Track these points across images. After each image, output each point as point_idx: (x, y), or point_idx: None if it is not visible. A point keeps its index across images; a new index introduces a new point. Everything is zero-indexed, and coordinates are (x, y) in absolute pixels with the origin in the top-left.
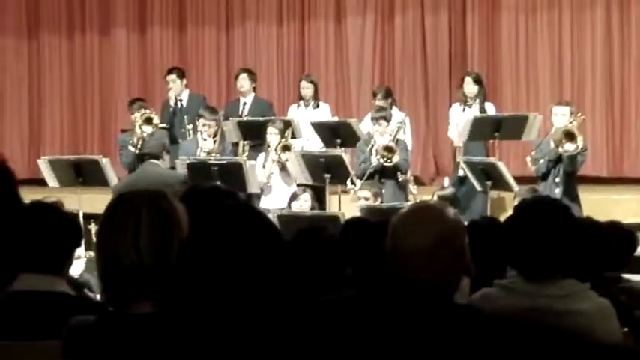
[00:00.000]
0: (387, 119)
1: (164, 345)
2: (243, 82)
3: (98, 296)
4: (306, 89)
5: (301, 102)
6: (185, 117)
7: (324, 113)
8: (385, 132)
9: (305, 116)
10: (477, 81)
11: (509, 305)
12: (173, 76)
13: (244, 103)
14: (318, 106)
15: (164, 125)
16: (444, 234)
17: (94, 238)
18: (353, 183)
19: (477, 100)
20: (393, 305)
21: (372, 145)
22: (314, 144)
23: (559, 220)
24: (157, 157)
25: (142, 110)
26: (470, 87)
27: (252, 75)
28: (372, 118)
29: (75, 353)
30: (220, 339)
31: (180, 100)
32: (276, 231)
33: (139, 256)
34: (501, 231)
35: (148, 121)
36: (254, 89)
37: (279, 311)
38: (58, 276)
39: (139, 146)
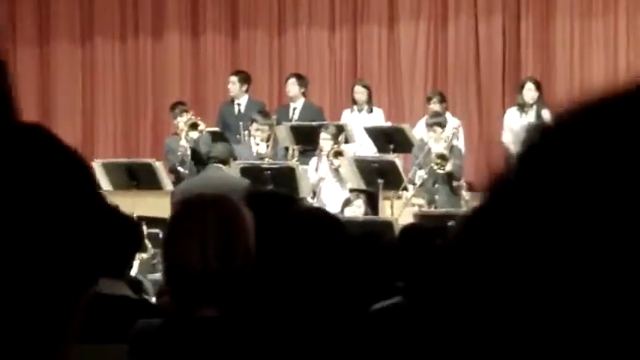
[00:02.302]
0: (442, 125)
1: (229, 349)
2: (292, 87)
3: (153, 299)
4: (360, 94)
5: (355, 107)
6: (241, 123)
7: (378, 118)
8: (440, 138)
9: (358, 121)
10: (538, 87)
11: None
12: (234, 78)
13: (294, 108)
14: (371, 111)
15: (216, 129)
16: None
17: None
18: (405, 189)
19: (534, 107)
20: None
21: (425, 153)
22: (367, 149)
23: None
24: (224, 162)
25: (185, 115)
26: (531, 93)
27: (301, 80)
28: (427, 124)
29: (141, 357)
30: (284, 343)
31: (239, 105)
32: (346, 237)
33: (205, 262)
34: None
35: (194, 126)
36: (303, 94)
37: (340, 318)
38: (119, 279)
39: (188, 153)
